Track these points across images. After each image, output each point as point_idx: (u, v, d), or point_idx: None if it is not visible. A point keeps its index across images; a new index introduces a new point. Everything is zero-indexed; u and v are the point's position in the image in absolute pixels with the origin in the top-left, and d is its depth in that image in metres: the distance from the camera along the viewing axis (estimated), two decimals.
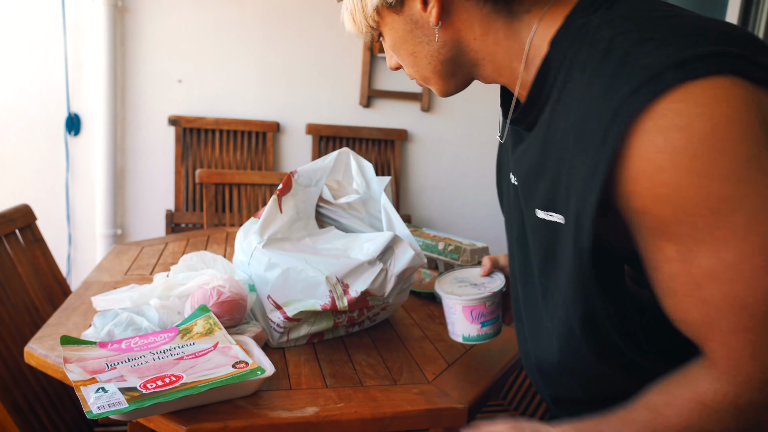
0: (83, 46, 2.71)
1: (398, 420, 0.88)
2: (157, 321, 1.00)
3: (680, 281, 0.55)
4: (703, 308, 0.54)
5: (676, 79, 0.51)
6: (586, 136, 0.56)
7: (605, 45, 0.57)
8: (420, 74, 0.75)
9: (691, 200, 0.51)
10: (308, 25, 2.94)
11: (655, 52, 0.53)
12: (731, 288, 0.52)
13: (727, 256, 0.51)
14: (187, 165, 2.87)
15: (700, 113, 0.50)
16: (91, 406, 0.75)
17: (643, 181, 0.53)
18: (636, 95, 0.52)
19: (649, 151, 0.52)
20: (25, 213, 1.54)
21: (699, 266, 0.53)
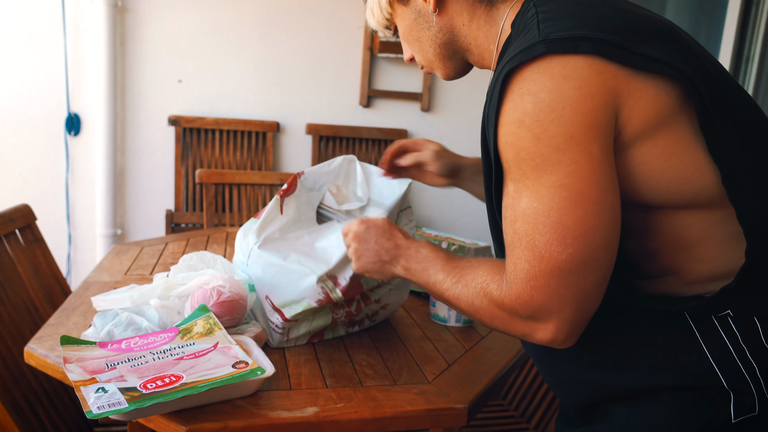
0: (83, 46, 2.71)
1: (398, 420, 0.88)
2: (157, 321, 1.00)
3: (508, 211, 0.68)
4: (513, 235, 0.68)
5: (540, 51, 0.63)
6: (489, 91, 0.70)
7: (524, 24, 0.71)
8: (425, 58, 0.90)
9: (524, 151, 0.64)
10: (308, 25, 2.94)
11: (542, 29, 0.65)
12: (530, 229, 0.65)
13: (535, 205, 0.64)
14: (187, 165, 2.87)
15: (549, 86, 0.62)
16: (91, 406, 0.75)
17: (502, 127, 0.66)
18: (513, 60, 0.64)
19: (509, 106, 0.65)
20: (25, 213, 1.54)
21: (519, 205, 0.66)
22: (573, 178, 0.62)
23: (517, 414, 1.67)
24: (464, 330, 1.21)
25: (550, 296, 0.66)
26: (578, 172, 0.62)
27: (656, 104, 0.63)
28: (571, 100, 0.61)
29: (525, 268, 0.66)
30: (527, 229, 0.65)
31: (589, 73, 0.62)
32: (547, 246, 0.64)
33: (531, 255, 0.65)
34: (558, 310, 0.66)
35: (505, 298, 0.69)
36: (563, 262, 0.64)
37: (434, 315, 1.24)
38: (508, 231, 0.69)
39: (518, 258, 0.67)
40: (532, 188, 0.65)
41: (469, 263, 0.79)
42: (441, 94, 3.17)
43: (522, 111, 0.63)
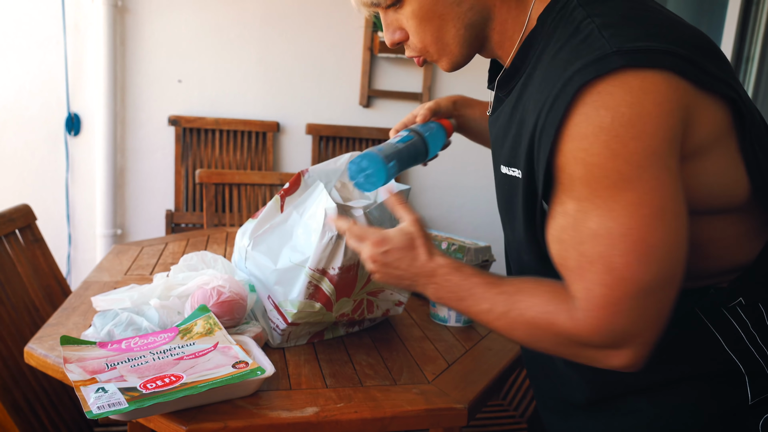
0: (83, 46, 2.71)
1: (398, 420, 0.88)
2: (157, 321, 1.00)
3: (569, 233, 0.64)
4: (579, 259, 0.63)
5: (618, 64, 0.59)
6: (540, 101, 0.65)
7: (575, 26, 0.65)
8: (439, 40, 0.76)
9: (598, 168, 0.60)
10: (308, 25, 2.94)
11: (609, 38, 0.61)
12: (606, 250, 0.61)
13: (610, 224, 0.61)
14: (187, 165, 2.86)
15: (628, 101, 0.59)
16: (91, 406, 0.75)
17: (569, 142, 0.61)
18: (583, 71, 0.60)
19: (580, 120, 0.60)
20: (25, 213, 1.54)
21: (586, 226, 0.62)
22: (653, 195, 0.60)
23: (517, 414, 1.67)
24: (464, 330, 1.21)
25: (633, 320, 0.62)
26: (659, 188, 0.60)
27: (714, 122, 0.63)
28: (652, 115, 0.59)
29: (603, 293, 0.62)
30: (602, 251, 0.61)
31: (667, 89, 0.59)
32: (628, 267, 0.60)
33: (609, 278, 0.61)
34: (639, 333, 0.63)
35: (579, 329, 0.64)
36: (647, 283, 0.61)
37: (434, 315, 1.24)
38: (570, 254, 0.64)
39: (592, 283, 0.62)
40: (603, 207, 0.61)
41: (516, 288, 0.71)
42: (441, 94, 3.17)
43: (598, 126, 0.59)
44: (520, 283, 0.72)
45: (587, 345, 0.65)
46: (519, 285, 0.71)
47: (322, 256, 0.97)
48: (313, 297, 0.99)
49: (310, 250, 0.98)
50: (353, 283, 1.03)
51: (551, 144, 0.62)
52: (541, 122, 0.64)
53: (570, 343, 0.66)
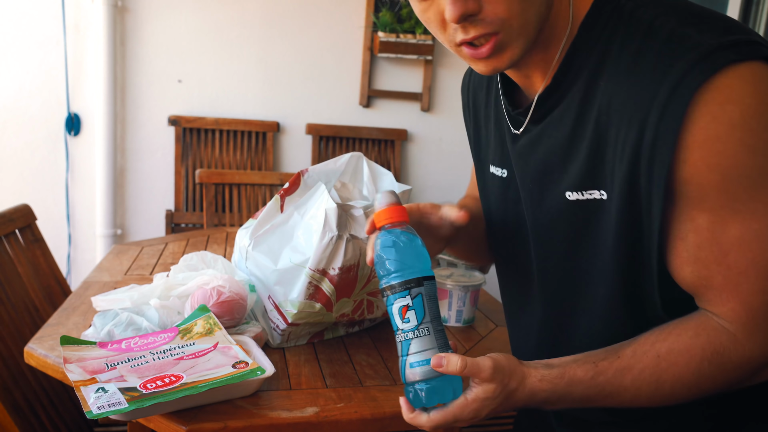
0: (83, 46, 2.71)
1: (398, 420, 0.88)
2: (157, 321, 1.00)
3: (707, 249, 0.58)
4: (727, 273, 0.58)
5: (728, 59, 0.54)
6: (639, 112, 0.58)
7: (646, 26, 0.59)
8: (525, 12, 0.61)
9: (737, 170, 0.55)
10: (308, 25, 2.94)
11: (699, 34, 0.56)
12: (757, 254, 0.56)
13: (756, 225, 0.56)
14: (187, 165, 2.86)
15: (751, 90, 0.54)
16: (91, 406, 0.75)
17: (697, 149, 0.56)
18: (693, 72, 0.55)
19: (707, 122, 0.55)
20: (25, 213, 1.54)
21: (728, 235, 0.57)
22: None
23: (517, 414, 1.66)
24: (464, 330, 1.21)
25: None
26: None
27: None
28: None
29: (764, 300, 0.57)
30: (753, 257, 0.57)
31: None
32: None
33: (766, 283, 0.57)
34: None
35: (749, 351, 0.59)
36: None
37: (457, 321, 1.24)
38: (714, 270, 0.59)
39: (749, 294, 0.58)
40: (744, 210, 0.56)
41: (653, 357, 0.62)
42: (441, 94, 3.17)
43: (728, 124, 0.54)
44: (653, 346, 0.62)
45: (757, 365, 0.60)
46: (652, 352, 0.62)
47: (322, 256, 0.97)
48: (313, 297, 0.99)
49: (311, 250, 0.98)
50: (353, 284, 1.03)
51: (671, 156, 0.56)
52: (649, 135, 0.57)
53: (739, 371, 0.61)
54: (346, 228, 0.98)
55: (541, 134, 0.70)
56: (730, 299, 0.59)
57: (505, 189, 0.80)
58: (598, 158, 0.63)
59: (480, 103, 0.86)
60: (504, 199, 0.81)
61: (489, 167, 0.84)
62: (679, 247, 0.61)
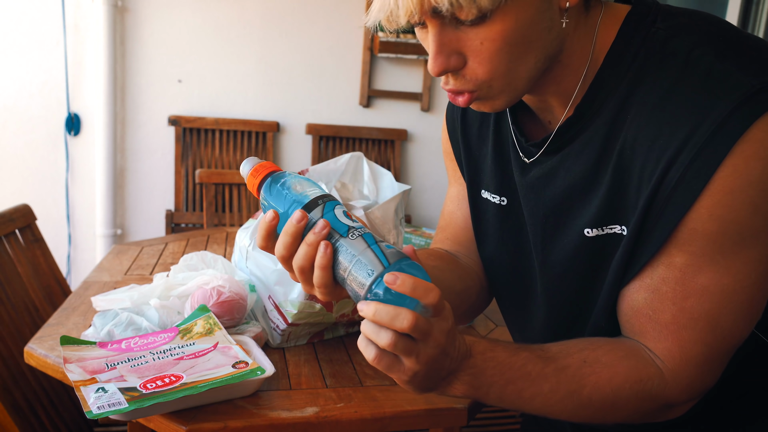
0: (83, 46, 2.71)
1: (398, 420, 0.88)
2: (157, 321, 1.00)
3: (670, 286, 0.58)
4: (678, 314, 0.57)
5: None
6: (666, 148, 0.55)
7: (683, 59, 0.56)
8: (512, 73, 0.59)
9: (734, 225, 0.54)
10: (308, 25, 2.94)
11: (740, 71, 0.53)
12: (714, 308, 0.56)
13: (725, 281, 0.56)
14: (187, 165, 2.87)
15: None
16: (91, 406, 0.75)
17: (709, 197, 0.54)
18: (736, 116, 0.52)
19: (728, 173, 0.53)
20: (25, 213, 1.54)
21: (696, 281, 0.56)
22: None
23: (517, 414, 1.66)
24: (464, 330, 1.21)
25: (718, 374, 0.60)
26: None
27: None
28: None
29: (701, 351, 0.58)
30: (709, 308, 0.56)
31: None
32: (734, 325, 0.57)
33: (711, 337, 0.57)
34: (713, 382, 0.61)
35: (670, 390, 0.60)
36: (740, 339, 0.58)
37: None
38: (667, 307, 0.58)
39: (689, 341, 0.58)
40: (723, 263, 0.56)
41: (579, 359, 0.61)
42: (441, 94, 3.17)
43: (746, 180, 0.53)
44: (580, 352, 0.62)
45: (669, 405, 0.61)
46: (580, 355, 0.62)
47: None
48: (313, 298, 0.99)
49: None
50: None
51: (694, 200, 0.54)
52: (675, 174, 0.54)
53: (654, 405, 0.61)
54: None
55: (557, 167, 0.66)
56: (669, 339, 0.59)
57: (504, 218, 0.76)
58: (621, 192, 0.60)
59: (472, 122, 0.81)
60: (501, 228, 0.77)
61: (481, 192, 0.80)
62: (645, 273, 0.60)
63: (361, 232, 0.57)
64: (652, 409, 0.61)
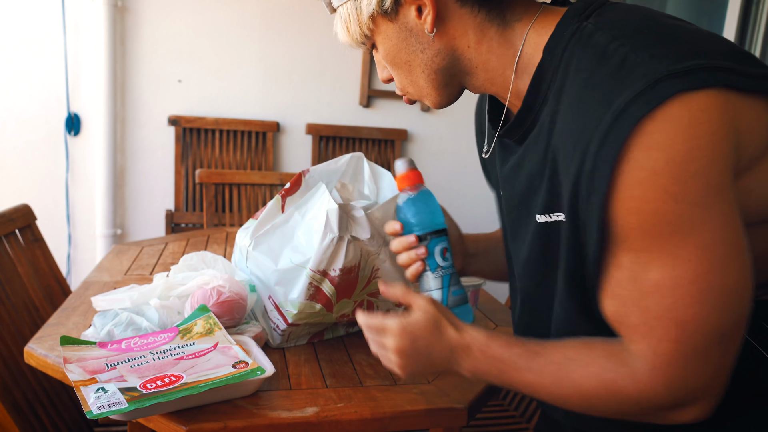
0: (83, 46, 2.71)
1: (398, 420, 0.88)
2: (157, 321, 1.00)
3: (626, 288, 0.59)
4: (642, 315, 0.58)
5: (674, 89, 0.53)
6: (582, 138, 0.58)
7: (601, 50, 0.59)
8: (414, 84, 0.75)
9: (656, 216, 0.54)
10: (308, 25, 2.94)
11: (651, 60, 0.55)
12: (672, 303, 0.56)
13: (676, 273, 0.55)
14: (187, 165, 2.86)
15: (681, 136, 0.53)
16: (91, 406, 0.75)
17: (622, 189, 0.55)
18: (637, 102, 0.53)
19: (631, 166, 0.54)
20: (25, 213, 1.54)
21: (648, 278, 0.57)
22: (723, 233, 0.54)
23: (517, 414, 1.67)
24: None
25: (705, 373, 0.58)
26: (728, 224, 0.55)
27: (761, 128, 0.58)
28: (708, 148, 0.53)
29: (671, 349, 0.57)
30: (667, 304, 0.56)
31: (718, 113, 0.54)
32: (699, 318, 0.55)
33: (677, 333, 0.56)
34: (711, 385, 0.59)
35: (646, 391, 0.60)
36: (719, 331, 0.56)
37: None
38: (631, 310, 0.59)
39: (659, 340, 0.57)
40: (667, 256, 0.55)
41: (565, 356, 0.65)
42: None
43: (651, 170, 0.53)
44: (567, 350, 0.66)
45: (656, 406, 0.61)
46: (566, 352, 0.65)
47: (323, 257, 0.97)
48: (313, 298, 0.99)
49: (311, 251, 0.98)
50: (354, 285, 1.03)
51: (607, 187, 0.56)
52: (589, 163, 0.57)
53: (636, 406, 0.61)
54: (347, 229, 0.98)
55: (523, 156, 0.71)
56: (641, 340, 0.59)
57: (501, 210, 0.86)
58: (555, 182, 0.64)
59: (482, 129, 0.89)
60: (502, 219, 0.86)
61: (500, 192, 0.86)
62: (604, 281, 0.61)
63: (443, 273, 0.83)
64: (637, 410, 0.62)
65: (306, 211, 1.06)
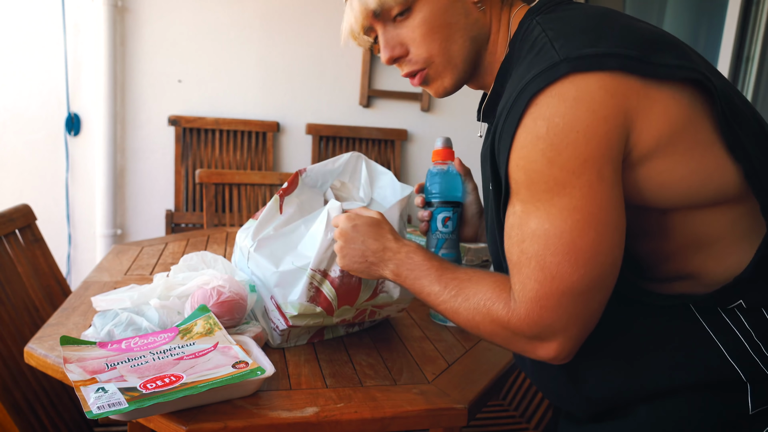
0: (83, 46, 2.71)
1: (398, 420, 0.88)
2: (157, 321, 1.00)
3: (514, 231, 0.68)
4: (520, 255, 0.67)
5: (565, 70, 0.62)
6: (501, 112, 0.69)
7: (532, 42, 0.70)
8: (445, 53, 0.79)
9: (536, 174, 0.64)
10: (308, 25, 2.94)
11: (560, 48, 0.64)
12: (540, 249, 0.65)
13: (546, 226, 0.65)
14: (187, 165, 2.87)
15: (562, 110, 0.62)
16: (91, 406, 0.75)
17: (513, 150, 0.66)
18: (533, 82, 0.64)
19: (522, 130, 0.65)
20: (25, 213, 1.54)
21: (528, 226, 0.66)
22: (586, 201, 0.63)
23: (517, 414, 1.67)
24: (464, 330, 1.21)
25: (559, 316, 0.66)
26: (591, 195, 0.63)
27: (669, 115, 0.63)
28: (585, 124, 0.62)
29: (534, 287, 0.66)
30: (537, 250, 0.65)
31: (602, 96, 0.61)
32: (559, 267, 0.64)
33: (541, 275, 0.65)
34: (564, 329, 0.67)
35: (512, 318, 0.69)
36: (574, 283, 0.64)
37: (434, 315, 1.24)
38: (513, 250, 0.68)
39: (527, 278, 0.67)
40: (543, 210, 0.65)
41: (467, 276, 0.77)
42: None
43: (535, 135, 0.63)
44: (473, 273, 0.77)
45: (518, 334, 0.70)
46: (471, 274, 0.77)
47: (323, 256, 0.97)
48: (314, 300, 0.99)
49: (313, 253, 0.98)
50: (356, 292, 1.02)
51: (508, 148, 0.66)
52: (499, 132, 0.69)
53: (504, 330, 0.71)
54: None
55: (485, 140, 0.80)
56: (515, 276, 0.69)
57: None
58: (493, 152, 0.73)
59: None
60: None
61: None
62: (505, 224, 0.71)
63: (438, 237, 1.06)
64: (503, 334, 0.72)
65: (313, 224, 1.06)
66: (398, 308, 1.13)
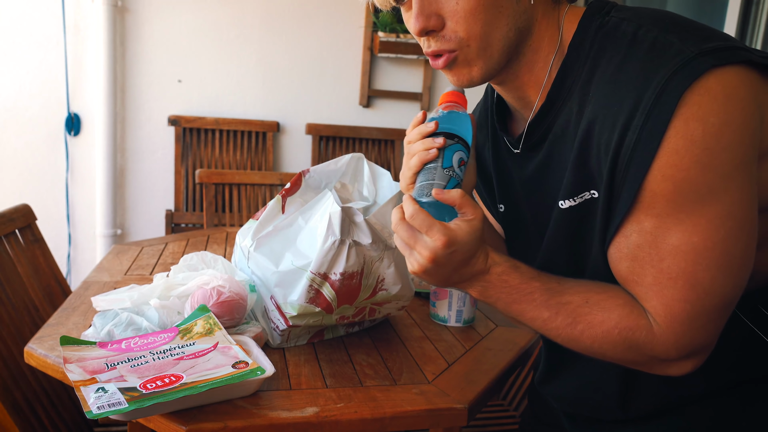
0: (83, 46, 2.71)
1: (398, 420, 0.88)
2: (157, 321, 1.00)
3: (646, 251, 0.62)
4: (658, 276, 0.62)
5: (708, 64, 0.56)
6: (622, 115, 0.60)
7: (630, 37, 0.63)
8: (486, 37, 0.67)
9: (687, 183, 0.58)
10: (308, 25, 2.94)
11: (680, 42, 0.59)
12: (689, 266, 0.60)
13: (695, 239, 0.59)
14: (187, 165, 2.87)
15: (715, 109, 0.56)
16: (91, 406, 0.75)
17: (660, 157, 0.58)
18: (676, 79, 0.57)
19: (672, 136, 0.57)
20: (25, 213, 1.54)
21: (668, 242, 0.60)
22: (739, 206, 0.58)
23: (517, 414, 1.67)
24: (464, 330, 1.21)
25: (709, 332, 0.62)
26: (744, 198, 0.59)
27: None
28: (738, 122, 0.57)
29: (685, 309, 0.61)
30: (684, 267, 0.60)
31: (746, 91, 0.58)
32: (713, 282, 0.60)
33: (692, 294, 0.60)
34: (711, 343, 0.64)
35: (656, 345, 0.64)
36: (727, 295, 0.61)
37: (434, 315, 1.24)
38: (647, 271, 0.63)
39: (672, 299, 0.61)
40: (688, 222, 0.59)
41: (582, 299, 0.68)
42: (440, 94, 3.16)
43: (689, 140, 0.57)
44: (586, 293, 0.68)
45: (661, 359, 0.65)
46: (585, 295, 0.68)
47: (324, 260, 0.97)
48: (313, 302, 0.99)
49: (313, 254, 0.98)
50: (356, 292, 1.02)
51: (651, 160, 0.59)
52: (632, 136, 0.59)
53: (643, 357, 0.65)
54: (350, 233, 0.98)
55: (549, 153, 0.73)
56: (654, 298, 0.63)
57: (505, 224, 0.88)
58: (585, 163, 0.66)
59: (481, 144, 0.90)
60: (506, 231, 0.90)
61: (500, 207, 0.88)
62: (621, 243, 0.65)
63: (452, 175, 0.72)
64: (641, 360, 0.66)
65: (310, 216, 1.06)
66: (398, 306, 1.13)
